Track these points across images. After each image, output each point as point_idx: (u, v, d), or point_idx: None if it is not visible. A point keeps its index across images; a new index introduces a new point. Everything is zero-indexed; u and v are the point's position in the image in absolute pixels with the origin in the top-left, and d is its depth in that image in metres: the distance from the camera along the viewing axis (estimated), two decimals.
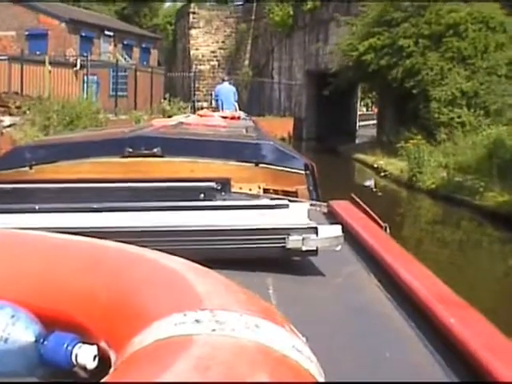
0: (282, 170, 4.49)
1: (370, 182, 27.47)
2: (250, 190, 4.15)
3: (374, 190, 21.31)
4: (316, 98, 43.82)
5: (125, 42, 46.54)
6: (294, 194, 4.29)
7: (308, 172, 4.49)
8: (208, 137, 5.20)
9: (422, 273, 2.21)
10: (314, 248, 2.30)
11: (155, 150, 4.36)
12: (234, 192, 3.66)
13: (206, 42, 53.80)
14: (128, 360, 1.07)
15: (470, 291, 11.17)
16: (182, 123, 6.45)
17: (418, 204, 20.70)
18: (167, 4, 68.80)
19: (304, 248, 2.29)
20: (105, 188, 3.28)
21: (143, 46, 49.68)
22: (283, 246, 2.28)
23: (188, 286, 1.20)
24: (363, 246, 2.66)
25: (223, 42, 53.78)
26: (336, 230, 2.37)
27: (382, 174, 23.87)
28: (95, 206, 2.61)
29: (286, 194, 4.18)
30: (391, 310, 1.98)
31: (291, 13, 45.24)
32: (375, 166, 25.39)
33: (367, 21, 30.26)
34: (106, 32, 44.40)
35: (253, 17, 51.06)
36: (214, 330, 1.05)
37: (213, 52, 53.96)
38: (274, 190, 4.33)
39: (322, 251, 2.32)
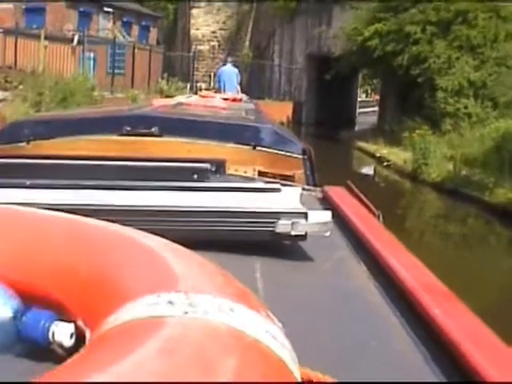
0: (280, 154, 4.41)
1: (370, 171, 26.64)
2: (246, 172, 4.11)
3: (376, 179, 20.37)
4: (316, 82, 42.92)
5: (124, 20, 45.34)
6: (291, 178, 4.21)
7: (306, 156, 4.40)
8: (207, 118, 5.12)
9: (411, 262, 2.22)
10: (303, 233, 2.30)
11: (153, 130, 4.27)
12: (229, 174, 3.66)
13: (206, 22, 52.75)
14: (98, 339, 1.05)
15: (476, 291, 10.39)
16: (181, 103, 6.40)
17: (423, 197, 19.73)
18: None
19: (293, 233, 2.28)
20: (99, 165, 3.25)
21: (143, 24, 48.42)
22: (272, 230, 2.28)
23: (165, 266, 1.18)
24: (354, 232, 2.65)
25: (224, 22, 52.72)
26: (326, 216, 2.36)
27: (385, 163, 22.88)
28: (86, 183, 2.61)
29: (283, 177, 4.09)
30: (378, 298, 1.98)
31: None
32: (377, 155, 24.38)
33: (373, 5, 29.18)
34: (105, 8, 43.16)
35: None
36: (186, 313, 1.02)
37: (213, 32, 52.92)
38: (270, 174, 4.23)
39: (313, 236, 2.32)
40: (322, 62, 40.56)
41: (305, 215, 2.31)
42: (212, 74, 48.90)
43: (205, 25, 52.62)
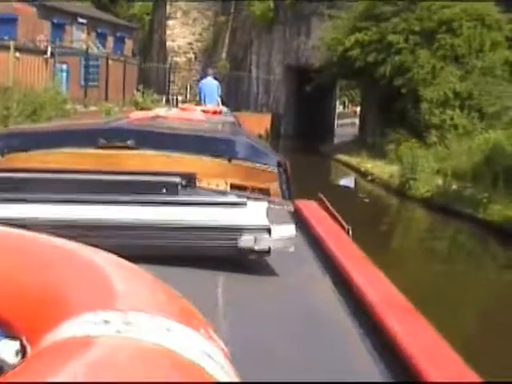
0: (255, 167, 4.33)
1: (349, 183, 25.59)
2: (218, 186, 4.04)
3: (360, 195, 19.25)
4: (295, 94, 42.09)
5: (98, 31, 44.25)
6: (266, 191, 4.18)
7: (281, 169, 4.29)
8: (182, 131, 5.10)
9: (376, 277, 2.24)
10: (267, 248, 2.27)
11: (128, 143, 4.19)
12: (200, 188, 3.67)
13: (182, 34, 51.80)
14: (32, 358, 1.03)
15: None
16: (158, 116, 6.32)
17: (412, 214, 18.61)
18: None
19: (256, 248, 2.27)
20: (72, 179, 3.21)
21: (118, 35, 47.32)
22: (235, 245, 2.27)
23: (108, 283, 1.15)
24: (322, 247, 2.66)
25: (200, 34, 51.78)
26: (290, 231, 2.34)
27: (369, 177, 21.74)
28: (56, 196, 2.60)
29: (258, 190, 4.14)
30: (339, 313, 1.99)
31: (272, 6, 43.12)
32: (361, 169, 23.22)
33: (354, 14, 28.18)
34: (79, 19, 42.05)
35: (232, 9, 48.95)
36: (119, 332, 0.99)
37: (189, 44, 51.97)
38: (244, 187, 4.19)
39: (279, 251, 2.29)
40: (300, 74, 39.79)
41: (268, 230, 2.29)
42: (188, 86, 48.00)
43: (181, 36, 51.65)
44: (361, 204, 18.94)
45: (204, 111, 8.66)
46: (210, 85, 23.03)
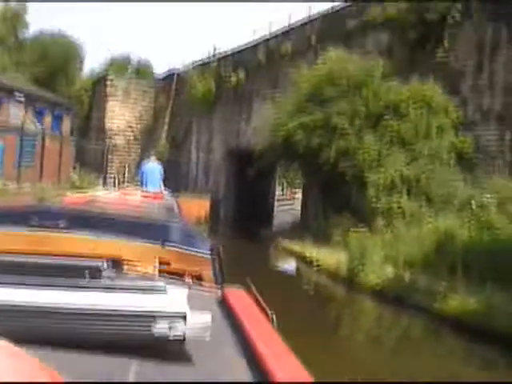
0: (188, 252, 4.34)
1: (289, 268, 24.38)
2: (146, 270, 3.94)
3: (306, 287, 18.05)
4: (235, 177, 41.22)
5: (36, 108, 42.98)
6: (199, 276, 4.17)
7: (214, 255, 4.35)
8: (115, 215, 4.99)
9: (294, 367, 2.20)
10: (181, 336, 2.25)
11: (60, 224, 4.15)
12: (126, 272, 3.63)
13: (122, 114, 50.93)
14: None
15: None
16: (94, 199, 6.44)
17: (362, 306, 17.34)
18: (85, 72, 65.88)
19: (171, 335, 2.23)
20: None
21: (56, 113, 46.04)
22: (149, 332, 2.22)
23: None
24: (243, 334, 2.64)
25: (140, 114, 50.92)
26: (205, 319, 2.31)
27: (315, 267, 20.49)
28: None
29: (190, 276, 4.09)
30: None
31: (213, 89, 42.40)
32: (306, 256, 21.93)
33: (298, 96, 27.38)
34: (17, 95, 40.72)
35: (173, 90, 48.22)
36: None
37: (129, 124, 50.99)
38: (176, 272, 4.05)
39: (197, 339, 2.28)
40: (241, 156, 38.99)
41: (183, 317, 2.25)
42: (127, 167, 46.85)
43: (120, 116, 50.66)
44: (306, 296, 17.68)
45: (144, 195, 9.03)
46: (153, 168, 22.14)
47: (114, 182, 39.91)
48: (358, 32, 29.80)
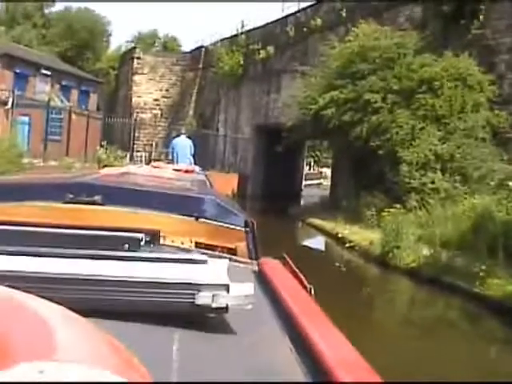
0: (222, 226, 4.29)
1: (320, 246, 23.89)
2: (182, 243, 3.97)
3: (337, 264, 17.55)
4: (263, 154, 40.68)
5: (63, 83, 42.64)
6: (233, 250, 4.07)
7: (248, 229, 4.24)
8: (150, 188, 5.01)
9: (336, 337, 2.19)
10: (224, 306, 2.22)
11: (96, 198, 4.15)
12: (163, 245, 3.63)
13: (149, 90, 50.48)
14: None
15: None
16: (127, 173, 6.42)
17: (396, 287, 16.79)
18: (112, 48, 65.63)
19: (214, 305, 2.22)
20: (33, 232, 3.20)
21: (82, 88, 45.76)
22: (192, 302, 2.21)
23: (50, 335, 1.16)
24: (282, 305, 2.59)
25: (167, 90, 50.47)
26: (248, 289, 2.29)
27: (347, 244, 19.96)
28: (13, 249, 2.55)
29: (224, 250, 4.01)
30: (297, 375, 1.91)
31: (241, 62, 41.81)
32: (338, 234, 21.37)
33: (329, 72, 26.73)
34: (43, 71, 40.39)
35: (200, 65, 47.64)
36: (53, 383, 1.01)
37: (156, 100, 50.62)
38: (211, 246, 4.02)
39: (239, 309, 2.24)
40: (269, 133, 38.43)
41: (226, 287, 2.21)
42: (154, 144, 46.48)
43: (147, 92, 50.35)
44: (340, 275, 17.18)
45: (176, 170, 8.88)
46: (183, 144, 22.78)
47: (141, 159, 39.53)
48: (390, 6, 29.01)
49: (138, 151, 42.10)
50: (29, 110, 32.32)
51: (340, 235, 21.05)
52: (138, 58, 50.53)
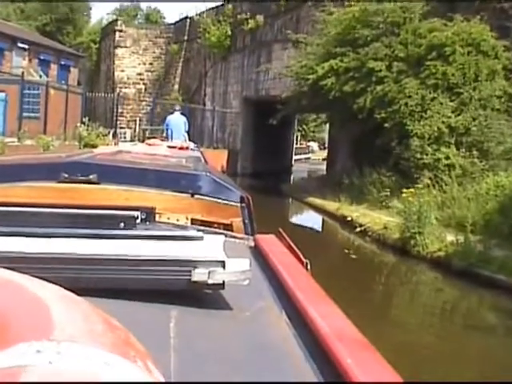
0: (217, 202, 4.24)
1: (320, 227, 21.83)
2: (178, 220, 3.99)
3: (346, 251, 15.37)
4: (253, 128, 38.50)
5: (41, 57, 40.12)
6: (229, 226, 4.09)
7: (244, 205, 4.20)
8: (145, 165, 4.90)
9: (332, 311, 2.16)
10: (221, 282, 2.20)
11: (91, 177, 4.11)
12: (159, 222, 3.67)
13: (132, 64, 48.03)
14: None
15: None
16: (121, 151, 6.41)
17: (425, 281, 14.39)
18: (93, 22, 63.06)
19: (210, 281, 2.19)
20: (31, 212, 3.17)
21: (62, 63, 43.20)
22: (189, 279, 2.18)
23: (47, 314, 1.15)
24: (279, 280, 2.57)
25: (151, 63, 48.02)
26: (244, 265, 2.25)
27: (358, 229, 17.66)
28: (10, 229, 2.50)
29: (221, 226, 4.05)
30: (294, 348, 1.91)
31: (229, 33, 39.36)
32: (347, 218, 19.03)
33: (327, 39, 24.37)
34: (20, 44, 37.82)
35: (185, 37, 45.13)
36: (50, 362, 0.99)
37: (139, 74, 48.18)
38: (206, 222, 4.05)
39: (235, 285, 2.20)
40: (260, 106, 36.31)
41: (222, 264, 2.17)
42: (138, 120, 44.15)
43: (130, 66, 47.96)
44: (356, 265, 14.89)
45: (170, 147, 8.96)
46: (177, 120, 22.59)
47: (125, 136, 37.42)
48: None
49: (121, 128, 39.91)
50: (5, 85, 29.86)
51: (349, 218, 18.72)
52: (120, 31, 48.07)
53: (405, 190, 16.60)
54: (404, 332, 9.95)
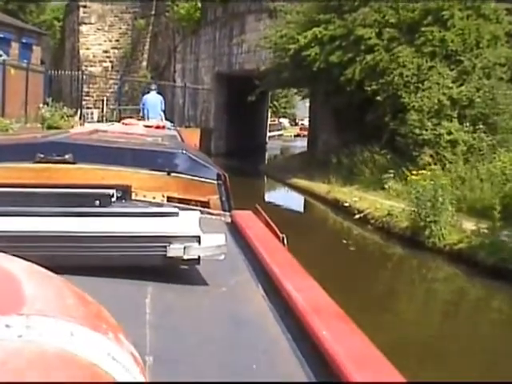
0: (194, 180, 4.25)
1: (309, 213, 19.59)
2: (154, 198, 3.96)
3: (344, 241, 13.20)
4: (226, 105, 36.28)
5: (1, 36, 37.42)
6: (206, 203, 4.08)
7: (220, 182, 4.21)
8: (121, 144, 4.89)
9: (308, 285, 2.13)
10: (196, 257, 2.19)
11: (66, 157, 4.09)
12: (135, 200, 3.64)
13: (97, 41, 45.35)
14: None
15: None
16: (97, 130, 6.32)
17: (448, 281, 12.09)
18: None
19: (185, 257, 2.17)
20: (5, 192, 3.15)
21: (23, 41, 40.43)
22: (164, 254, 2.17)
23: (15, 289, 1.12)
24: (255, 255, 2.55)
25: (118, 40, 45.35)
26: (219, 240, 2.24)
27: (357, 216, 15.33)
28: None
29: (197, 203, 3.99)
30: (270, 321, 1.89)
31: (199, 5, 36.79)
32: (343, 203, 16.70)
33: (309, 6, 21.97)
34: None
35: (153, 11, 42.50)
36: (20, 336, 0.97)
37: (106, 52, 45.50)
38: (183, 200, 4.02)
39: (212, 261, 2.19)
40: (233, 82, 34.06)
41: (197, 239, 2.18)
42: (105, 99, 41.56)
43: (96, 43, 45.30)
44: (364, 259, 12.62)
45: (147, 126, 9.01)
46: (154, 100, 22.15)
47: (92, 117, 34.92)
48: None
49: (88, 108, 37.32)
50: None
51: (346, 203, 16.36)
52: (84, 7, 45.28)
53: (413, 172, 14.33)
54: (440, 366, 7.63)
